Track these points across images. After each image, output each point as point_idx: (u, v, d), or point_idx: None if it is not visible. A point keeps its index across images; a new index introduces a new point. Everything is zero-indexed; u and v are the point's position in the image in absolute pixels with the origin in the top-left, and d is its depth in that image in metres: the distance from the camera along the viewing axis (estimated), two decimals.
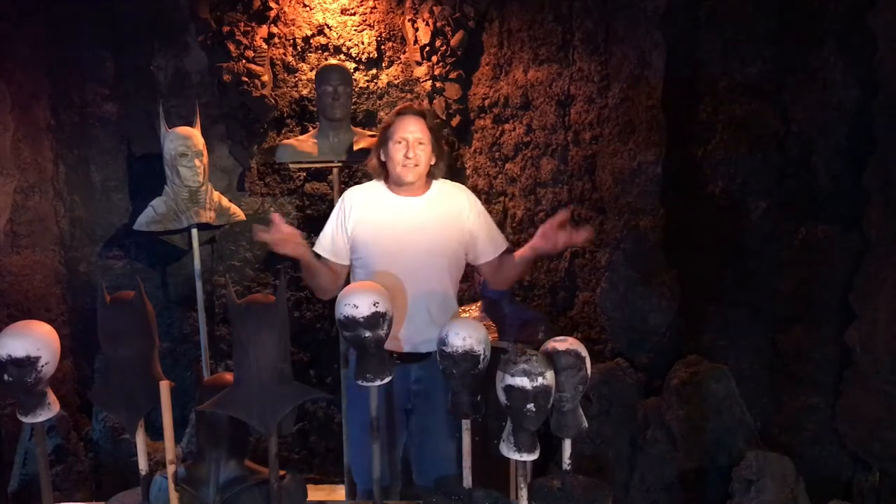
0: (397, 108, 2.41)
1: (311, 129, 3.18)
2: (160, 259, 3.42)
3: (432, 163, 2.34)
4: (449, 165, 2.58)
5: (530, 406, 1.72)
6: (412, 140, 2.26)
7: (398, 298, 2.24)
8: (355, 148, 2.94)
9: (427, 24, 3.25)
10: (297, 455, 3.50)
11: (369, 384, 1.98)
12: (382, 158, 2.34)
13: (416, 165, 2.27)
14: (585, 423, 1.90)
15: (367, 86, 3.36)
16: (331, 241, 2.37)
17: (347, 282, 2.36)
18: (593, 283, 3.03)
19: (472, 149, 3.57)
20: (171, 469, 1.92)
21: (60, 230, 3.35)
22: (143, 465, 2.01)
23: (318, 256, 2.36)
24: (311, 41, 3.34)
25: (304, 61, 3.35)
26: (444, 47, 3.27)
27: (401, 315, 2.27)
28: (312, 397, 2.13)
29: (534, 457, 1.79)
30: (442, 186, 2.40)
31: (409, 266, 2.28)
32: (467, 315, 2.90)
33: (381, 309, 1.91)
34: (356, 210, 2.35)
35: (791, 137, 2.53)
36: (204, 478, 1.93)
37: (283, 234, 2.18)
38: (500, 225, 3.03)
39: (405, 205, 2.33)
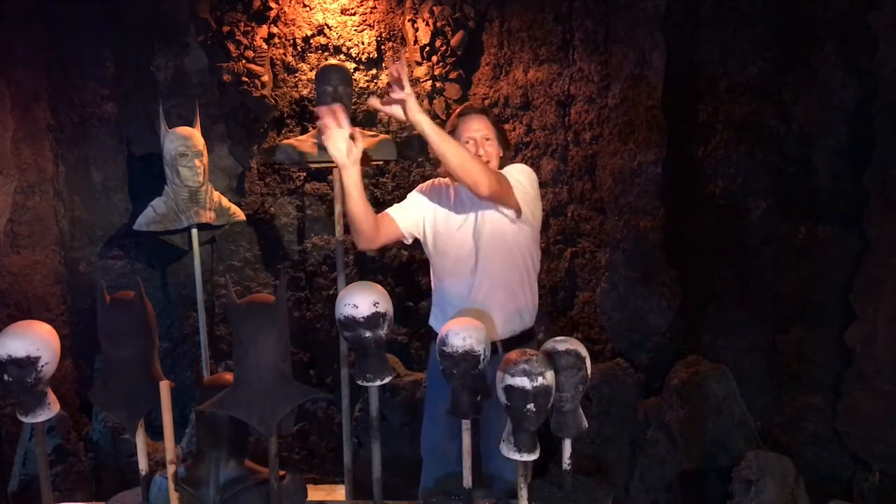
0: (458, 109, 2.40)
1: (311, 129, 3.18)
2: (160, 259, 3.42)
3: (501, 155, 2.36)
4: None
5: (530, 406, 1.72)
6: (479, 138, 2.28)
7: (461, 286, 2.25)
8: None
9: (427, 24, 3.25)
10: (297, 455, 3.50)
11: (369, 384, 1.98)
12: None
13: (488, 162, 2.28)
14: (585, 423, 1.91)
15: (367, 86, 3.36)
16: (407, 204, 2.37)
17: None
18: (593, 283, 3.03)
19: None
20: (171, 469, 1.92)
21: (60, 230, 3.35)
22: (143, 465, 2.01)
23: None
24: (311, 41, 3.34)
25: (304, 61, 3.35)
26: (444, 47, 3.27)
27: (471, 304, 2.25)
28: (312, 397, 2.13)
29: (534, 457, 1.79)
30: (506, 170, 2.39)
31: (471, 253, 2.26)
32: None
33: (380, 309, 1.91)
34: (434, 194, 2.37)
35: (791, 137, 2.53)
36: (204, 478, 1.93)
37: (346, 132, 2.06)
38: None
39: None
